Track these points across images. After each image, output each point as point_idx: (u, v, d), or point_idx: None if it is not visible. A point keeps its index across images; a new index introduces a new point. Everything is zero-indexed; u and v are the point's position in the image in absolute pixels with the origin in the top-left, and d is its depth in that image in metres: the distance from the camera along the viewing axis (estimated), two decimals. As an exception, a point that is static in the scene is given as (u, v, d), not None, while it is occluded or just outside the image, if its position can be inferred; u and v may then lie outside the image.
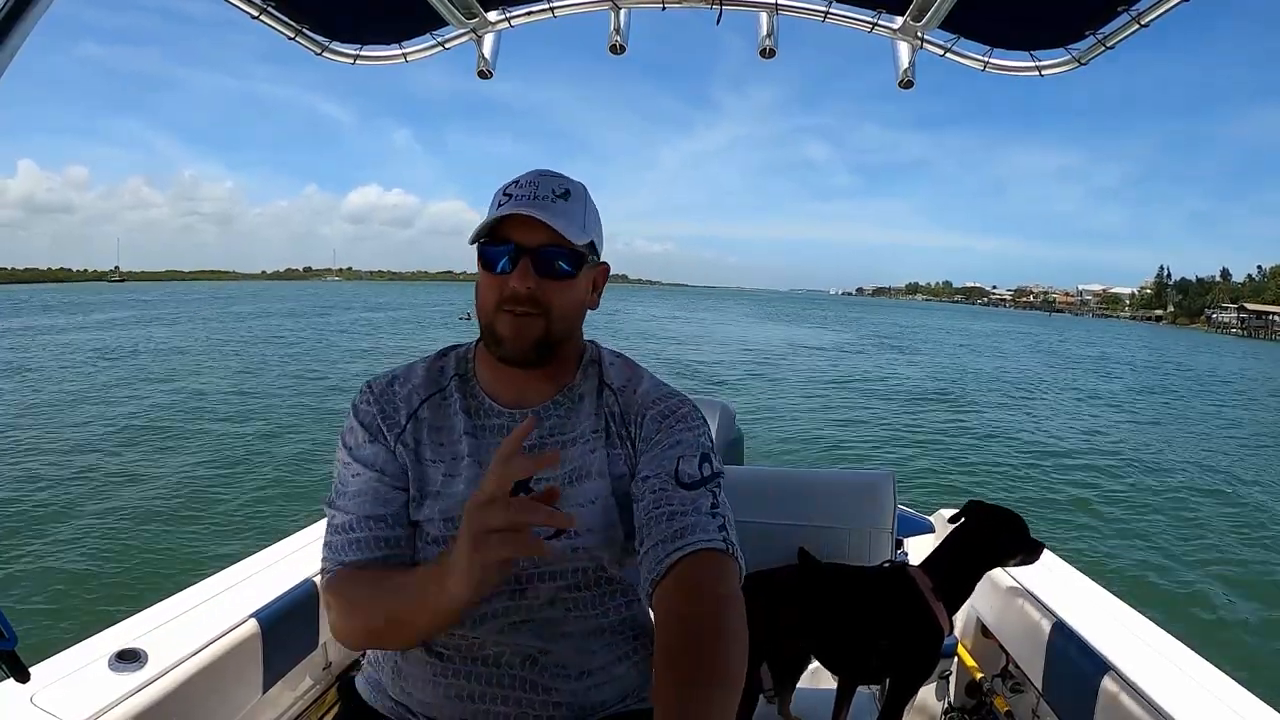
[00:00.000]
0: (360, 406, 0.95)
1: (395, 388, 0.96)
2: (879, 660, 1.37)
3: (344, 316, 45.06)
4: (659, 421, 0.93)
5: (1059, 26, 1.42)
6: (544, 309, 0.89)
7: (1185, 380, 27.02)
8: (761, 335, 39.39)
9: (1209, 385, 26.18)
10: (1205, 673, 1.30)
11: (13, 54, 0.84)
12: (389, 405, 0.95)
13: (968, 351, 35.10)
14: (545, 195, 0.89)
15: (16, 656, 0.82)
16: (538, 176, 0.91)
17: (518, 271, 0.87)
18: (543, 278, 0.88)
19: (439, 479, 0.92)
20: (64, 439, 9.51)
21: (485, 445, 0.93)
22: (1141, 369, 31.89)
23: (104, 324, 33.88)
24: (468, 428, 0.93)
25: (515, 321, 0.89)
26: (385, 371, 0.99)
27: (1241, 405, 20.54)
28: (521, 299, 0.88)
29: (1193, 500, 9.07)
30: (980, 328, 66.16)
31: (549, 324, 0.90)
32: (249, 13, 1.39)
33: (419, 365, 0.99)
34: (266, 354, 21.73)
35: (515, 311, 0.88)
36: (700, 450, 0.90)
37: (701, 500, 0.86)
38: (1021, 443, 11.91)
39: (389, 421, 0.93)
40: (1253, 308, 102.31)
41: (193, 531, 6.21)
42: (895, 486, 1.59)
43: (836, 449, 10.85)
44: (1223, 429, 15.52)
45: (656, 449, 0.91)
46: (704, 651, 0.72)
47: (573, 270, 0.90)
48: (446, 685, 0.92)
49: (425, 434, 0.93)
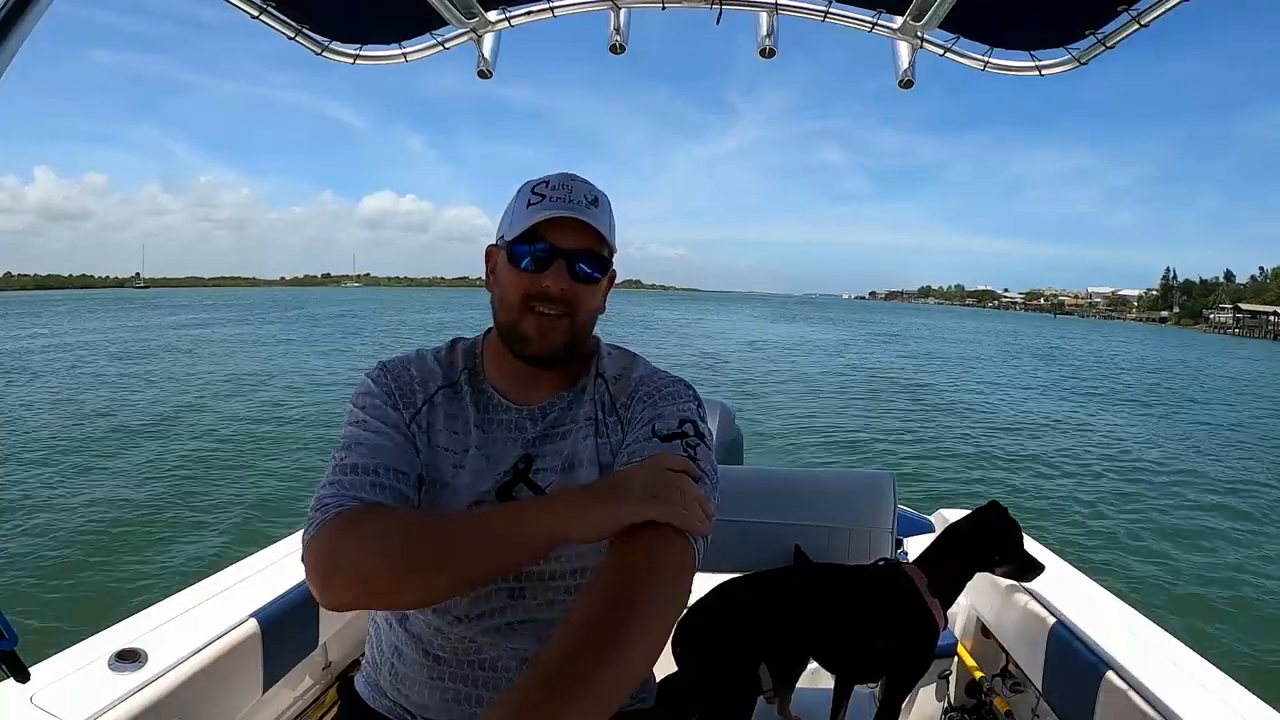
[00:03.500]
0: (378, 378, 0.94)
1: (412, 370, 0.96)
2: (876, 658, 1.37)
3: (411, 318, 46.85)
4: (646, 400, 0.93)
5: (1059, 26, 1.42)
6: (571, 311, 0.90)
7: (1149, 376, 27.96)
8: (771, 334, 40.98)
9: (1204, 383, 26.60)
10: (1205, 673, 1.30)
11: (13, 54, 0.84)
12: (405, 385, 0.94)
13: (941, 344, 38.72)
14: (580, 200, 0.90)
15: (16, 656, 0.82)
16: (569, 180, 0.92)
17: (552, 272, 0.88)
18: (574, 280, 0.89)
19: (449, 469, 0.91)
20: (64, 439, 9.52)
21: (493, 439, 0.93)
22: (1091, 362, 33.30)
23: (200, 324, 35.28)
24: (477, 421, 0.94)
25: (543, 322, 0.90)
26: (397, 355, 0.99)
27: (1227, 403, 21.10)
28: (553, 299, 0.88)
29: (1193, 500, 9.06)
30: (976, 325, 69.39)
31: (574, 325, 0.91)
32: (249, 13, 1.39)
33: (429, 355, 0.99)
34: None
35: (544, 312, 0.89)
36: (680, 415, 0.89)
37: (675, 451, 0.84)
38: (1022, 443, 11.92)
39: (405, 400, 0.93)
40: (1247, 308, 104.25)
41: (193, 531, 6.21)
42: (895, 486, 1.59)
43: (836, 449, 10.84)
44: (1221, 430, 15.54)
45: (638, 421, 0.91)
46: (603, 622, 0.65)
47: (600, 275, 0.92)
48: (444, 689, 0.92)
49: (440, 420, 0.93)
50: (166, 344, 25.15)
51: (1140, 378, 26.26)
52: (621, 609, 0.67)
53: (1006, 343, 44.43)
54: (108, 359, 19.33)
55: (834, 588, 1.41)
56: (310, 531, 0.78)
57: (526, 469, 0.91)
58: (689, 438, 0.86)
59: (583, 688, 0.59)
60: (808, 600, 1.39)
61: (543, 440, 0.93)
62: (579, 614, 0.67)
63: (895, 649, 1.36)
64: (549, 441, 0.93)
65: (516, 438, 0.93)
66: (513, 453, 0.92)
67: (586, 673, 0.60)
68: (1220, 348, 58.81)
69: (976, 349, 36.42)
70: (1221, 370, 33.81)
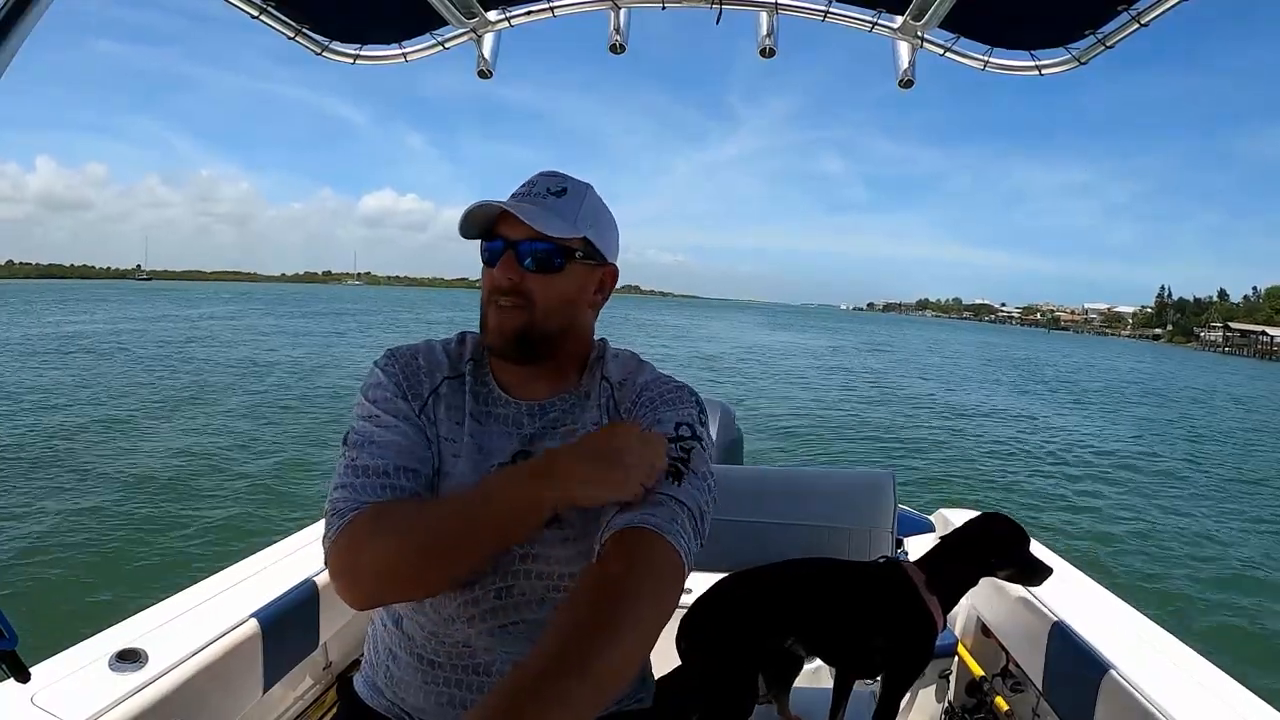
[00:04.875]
0: (387, 368, 0.94)
1: (419, 360, 0.96)
2: (874, 653, 1.38)
3: (439, 314, 48.99)
4: (648, 405, 0.93)
5: (1059, 26, 1.42)
6: (527, 301, 0.90)
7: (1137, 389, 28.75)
8: (767, 341, 42.44)
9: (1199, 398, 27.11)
10: (1205, 672, 1.30)
11: (13, 54, 0.84)
12: (413, 375, 0.95)
13: (927, 353, 42.13)
14: (540, 192, 0.92)
15: (16, 656, 0.82)
16: (539, 176, 0.94)
17: (501, 263, 0.89)
18: (529, 271, 0.89)
19: (449, 458, 0.92)
20: (64, 438, 9.51)
21: (488, 432, 0.93)
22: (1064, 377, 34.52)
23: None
24: (474, 412, 0.94)
25: (500, 314, 0.90)
26: (405, 345, 0.99)
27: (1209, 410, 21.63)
28: (504, 290, 0.89)
29: (1193, 500, 9.06)
30: (966, 338, 71.88)
31: (532, 316, 0.90)
32: (249, 12, 1.39)
33: (437, 345, 0.99)
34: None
35: (501, 304, 0.90)
36: (677, 419, 0.89)
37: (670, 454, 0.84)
38: (1022, 443, 11.92)
39: (413, 391, 0.93)
40: (1237, 326, 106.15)
41: (193, 531, 6.21)
42: (895, 486, 1.59)
43: (836, 449, 10.84)
44: (1215, 436, 15.55)
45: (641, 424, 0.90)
46: (585, 638, 0.65)
47: (560, 261, 0.90)
48: (438, 693, 0.92)
49: (443, 412, 0.94)
50: (197, 335, 26.03)
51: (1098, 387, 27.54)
52: (601, 623, 0.66)
53: (990, 356, 46.58)
54: (118, 350, 19.34)
55: (834, 582, 1.41)
56: (330, 536, 0.83)
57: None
58: (684, 440, 0.87)
59: (557, 704, 0.59)
60: (807, 593, 1.39)
61: (540, 437, 0.93)
62: (557, 627, 0.67)
63: (893, 645, 1.36)
64: (546, 439, 0.93)
65: (512, 432, 0.93)
66: (508, 446, 0.92)
67: (563, 688, 0.60)
68: (1203, 364, 59.74)
69: (956, 359, 38.81)
70: (1191, 382, 35.84)
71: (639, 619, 0.69)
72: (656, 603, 0.72)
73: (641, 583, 0.72)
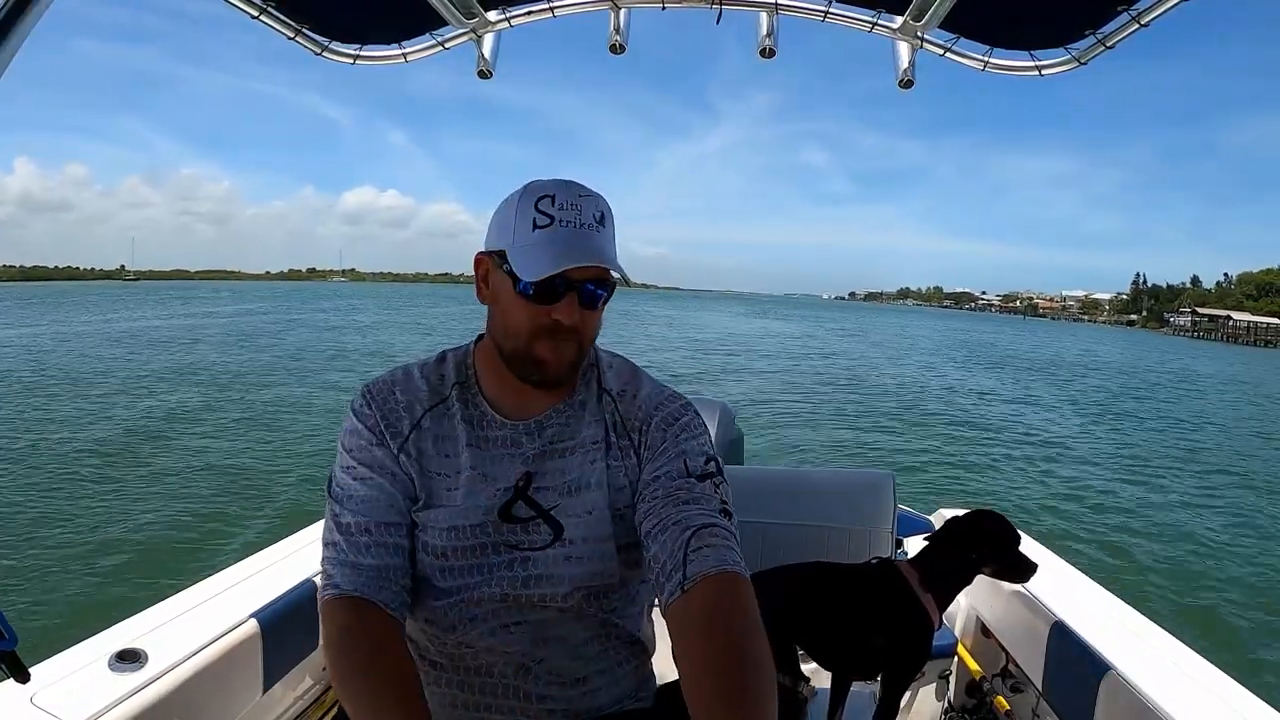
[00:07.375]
0: (361, 410, 0.92)
1: (396, 394, 0.93)
2: (871, 653, 1.38)
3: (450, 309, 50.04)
4: (664, 430, 0.92)
5: (1059, 26, 1.42)
6: (581, 334, 0.88)
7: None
8: (745, 328, 44.59)
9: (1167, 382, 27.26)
10: (1205, 672, 1.30)
11: (12, 54, 0.84)
12: (391, 413, 0.91)
13: (892, 337, 44.11)
14: (589, 222, 0.85)
15: (16, 656, 0.82)
16: (577, 198, 0.86)
17: (564, 305, 0.85)
18: (584, 308, 0.87)
19: (442, 492, 0.90)
20: (63, 438, 9.51)
21: (488, 457, 0.91)
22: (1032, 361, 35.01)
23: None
24: (470, 439, 0.91)
25: (559, 348, 0.87)
26: (382, 376, 0.96)
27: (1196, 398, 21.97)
28: (565, 330, 0.86)
29: (1192, 500, 9.06)
30: (936, 324, 73.65)
31: (581, 347, 0.89)
32: (249, 13, 1.39)
33: (415, 371, 0.95)
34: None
35: (561, 339, 0.87)
36: (705, 454, 0.91)
37: (711, 496, 0.87)
38: (1022, 444, 11.92)
39: (392, 430, 0.90)
40: (1204, 312, 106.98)
41: (193, 532, 6.20)
42: (895, 486, 1.59)
43: (836, 449, 10.84)
44: (1208, 428, 15.57)
45: (663, 457, 0.90)
46: (732, 688, 0.71)
47: (607, 292, 0.89)
48: (441, 694, 0.92)
49: (429, 444, 0.91)
50: (223, 332, 26.42)
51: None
52: (742, 669, 0.73)
53: (957, 340, 47.55)
54: (126, 352, 19.34)
55: (829, 586, 1.41)
56: (320, 595, 0.87)
57: (526, 486, 0.90)
58: (715, 476, 0.89)
59: None
60: (804, 599, 1.39)
61: (542, 457, 0.91)
62: (706, 709, 0.71)
63: (891, 644, 1.36)
64: (550, 459, 0.91)
65: (515, 454, 0.91)
66: (512, 470, 0.90)
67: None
68: (1167, 348, 60.16)
69: (916, 342, 40.91)
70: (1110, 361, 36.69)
71: (760, 671, 0.74)
72: (764, 642, 0.77)
73: (750, 643, 0.76)
